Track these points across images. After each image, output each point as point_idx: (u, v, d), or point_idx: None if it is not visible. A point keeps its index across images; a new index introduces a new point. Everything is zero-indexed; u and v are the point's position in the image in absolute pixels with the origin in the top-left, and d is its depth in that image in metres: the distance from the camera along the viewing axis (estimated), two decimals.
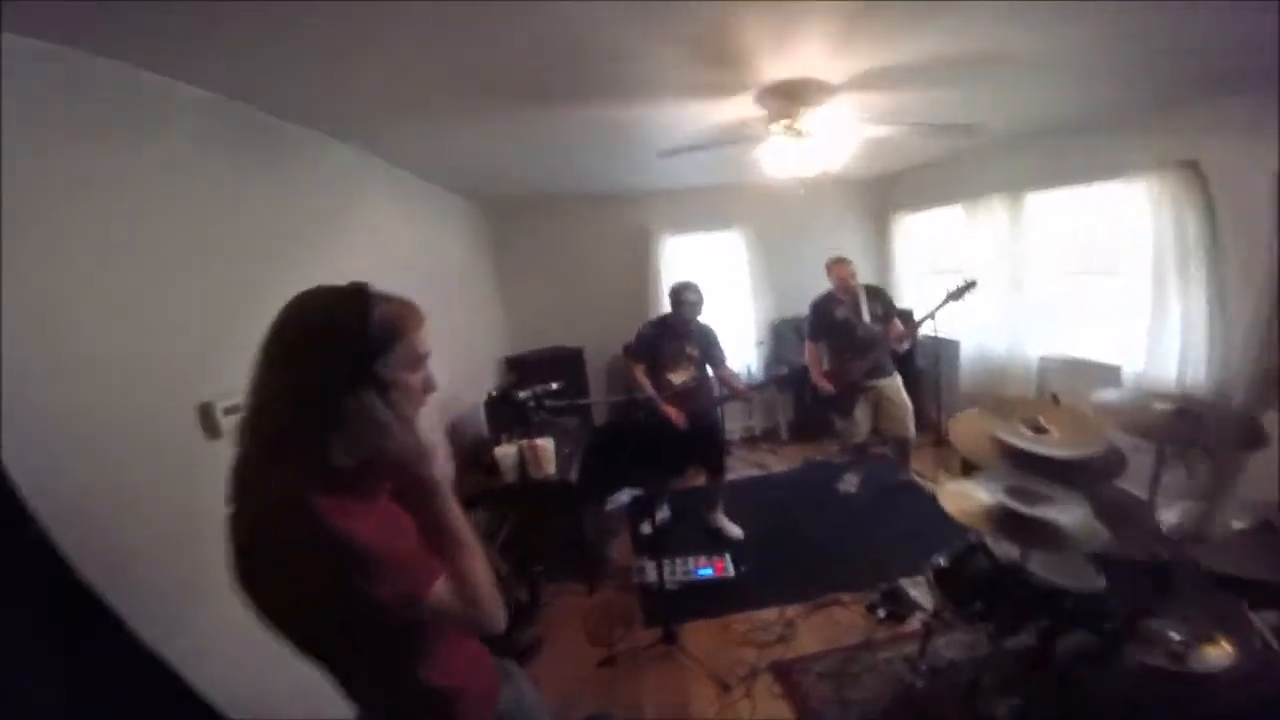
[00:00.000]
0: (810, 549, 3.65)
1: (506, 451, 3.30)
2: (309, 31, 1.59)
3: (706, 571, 3.44)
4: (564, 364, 4.66)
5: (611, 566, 3.59)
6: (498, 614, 1.09)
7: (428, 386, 1.11)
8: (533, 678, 2.67)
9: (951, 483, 2.28)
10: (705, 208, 5.22)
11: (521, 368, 4.63)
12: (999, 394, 4.23)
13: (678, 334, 3.77)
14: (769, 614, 3.03)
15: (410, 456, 1.04)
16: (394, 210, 3.17)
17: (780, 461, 5.09)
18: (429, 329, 1.11)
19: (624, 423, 4.47)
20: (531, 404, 2.35)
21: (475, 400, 3.73)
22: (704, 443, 3.86)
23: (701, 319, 3.81)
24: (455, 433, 3.53)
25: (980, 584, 2.21)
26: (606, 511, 4.20)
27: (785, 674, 2.64)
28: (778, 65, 2.20)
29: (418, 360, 1.08)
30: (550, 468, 3.35)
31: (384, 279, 2.25)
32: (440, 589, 1.01)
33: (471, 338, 4.18)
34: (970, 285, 3.75)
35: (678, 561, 3.47)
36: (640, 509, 4.15)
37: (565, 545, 3.51)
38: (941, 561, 2.34)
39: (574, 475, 3.43)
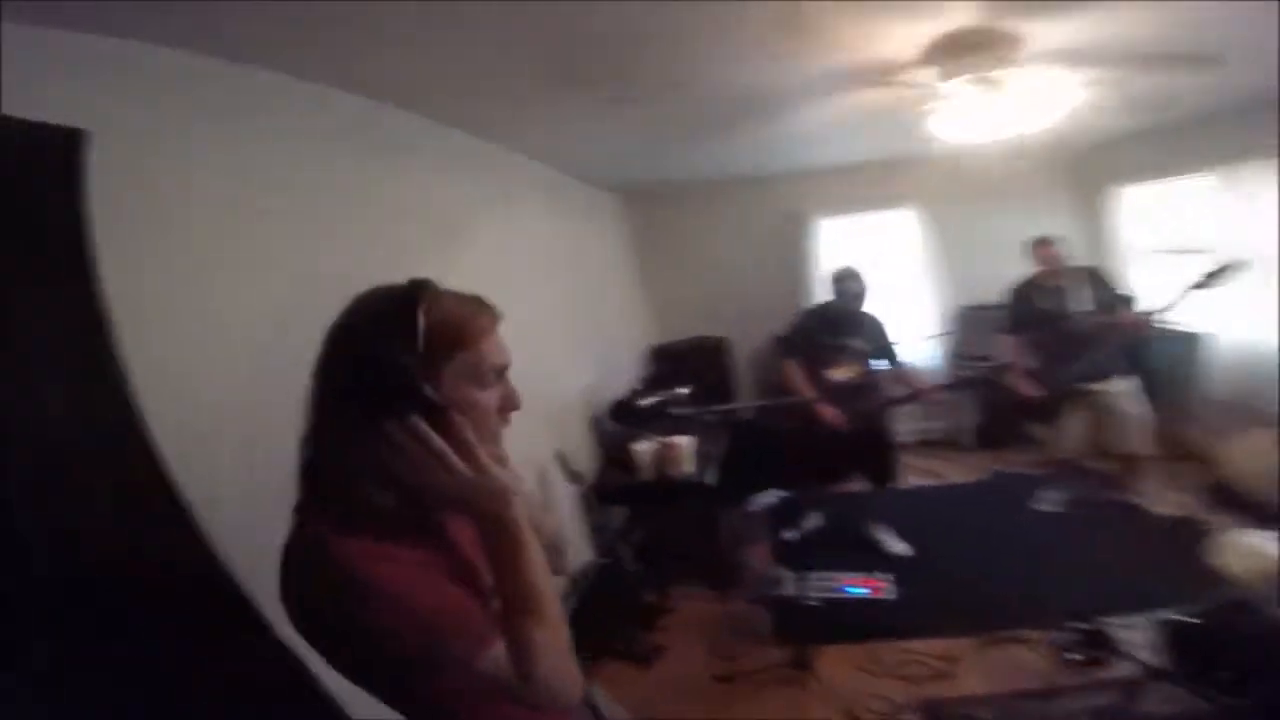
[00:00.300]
0: (992, 574, 3.09)
1: (643, 448, 3.20)
2: (443, 30, 1.59)
3: (859, 590, 3.07)
4: (708, 355, 4.47)
5: (747, 574, 3.33)
6: (563, 694, 0.88)
7: (507, 404, 0.90)
8: (644, 684, 2.63)
9: (1239, 534, 1.76)
10: (867, 185, 4.66)
11: (667, 358, 4.52)
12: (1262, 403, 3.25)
13: (839, 325, 3.38)
14: (929, 645, 2.61)
15: (471, 494, 0.82)
16: (533, 205, 3.21)
17: (962, 471, 4.43)
18: (504, 332, 0.91)
19: (773, 421, 4.17)
20: (653, 410, 2.15)
21: (620, 393, 3.67)
22: (869, 448, 3.44)
23: (867, 308, 3.39)
24: (599, 427, 3.51)
25: (1240, 650, 1.85)
26: (748, 514, 3.94)
27: (936, 715, 2.25)
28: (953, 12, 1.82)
29: (488, 373, 0.87)
30: (687, 466, 3.20)
31: (522, 273, 2.42)
32: (492, 657, 0.81)
33: (616, 328, 4.15)
34: (1231, 268, 2.88)
35: (824, 575, 3.13)
36: (786, 513, 3.85)
37: (698, 548, 3.33)
38: (1187, 616, 1.95)
39: (712, 475, 3.24)
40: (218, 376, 1.42)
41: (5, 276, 1.11)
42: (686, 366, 4.27)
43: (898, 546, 3.41)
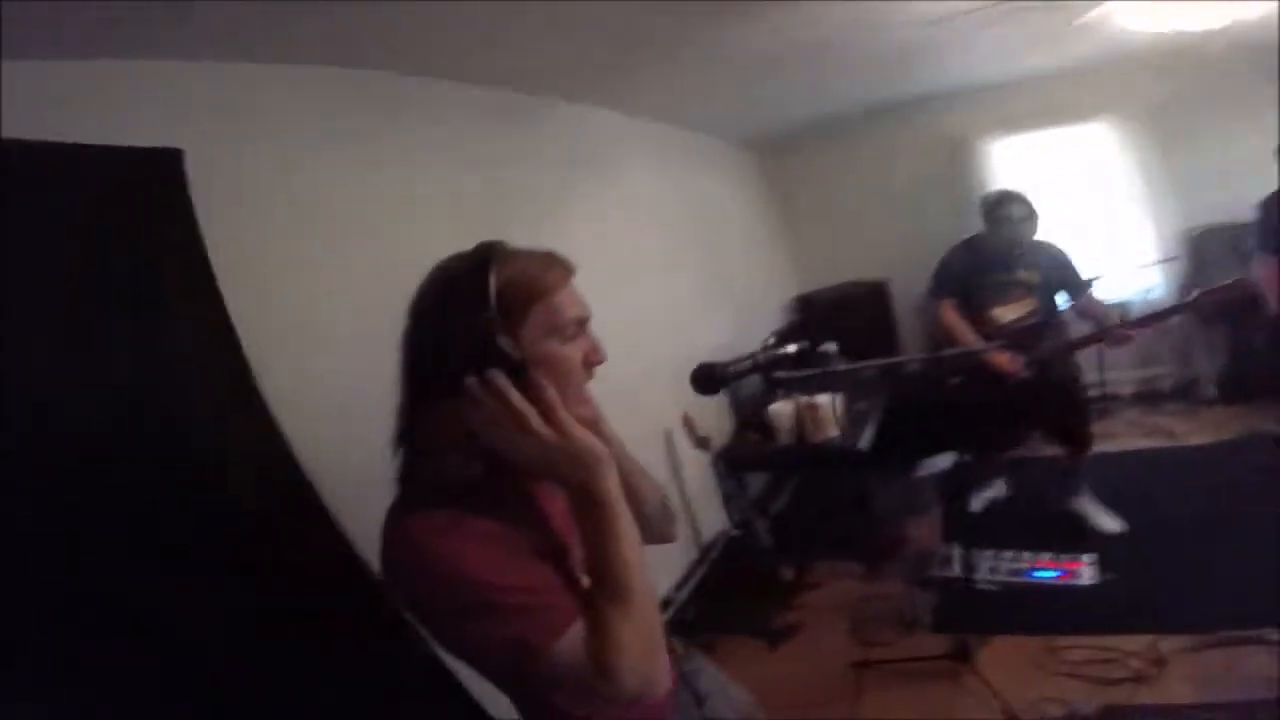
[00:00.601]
0: (1232, 559, 2.41)
1: (781, 410, 2.93)
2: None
3: (1049, 574, 2.58)
4: (864, 301, 3.96)
5: (909, 550, 2.95)
6: (644, 690, 0.79)
7: (591, 358, 0.87)
8: (772, 665, 2.42)
9: None
10: (1046, 98, 3.77)
11: (813, 307, 4.10)
12: None
13: (1001, 259, 2.82)
14: (1129, 643, 2.11)
15: (556, 460, 0.77)
16: (648, 164, 3.01)
17: (1201, 430, 3.54)
18: (578, 286, 0.88)
19: (938, 374, 3.64)
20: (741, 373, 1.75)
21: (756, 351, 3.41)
22: (1055, 401, 2.85)
23: (1044, 237, 2.79)
24: (733, 387, 3.30)
25: None
26: (913, 481, 3.49)
27: None
28: None
29: (567, 325, 0.84)
30: (831, 430, 2.88)
31: (648, 234, 2.55)
32: (568, 643, 0.75)
33: (758, 283, 3.85)
34: None
35: (1006, 555, 2.69)
36: (961, 480, 3.34)
37: (848, 520, 3.02)
38: None
39: (865, 438, 2.89)
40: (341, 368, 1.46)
41: (143, 289, 1.21)
42: (839, 316, 3.86)
43: (1108, 522, 2.79)
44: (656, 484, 1.12)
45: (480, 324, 0.76)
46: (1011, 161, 4.00)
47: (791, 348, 1.22)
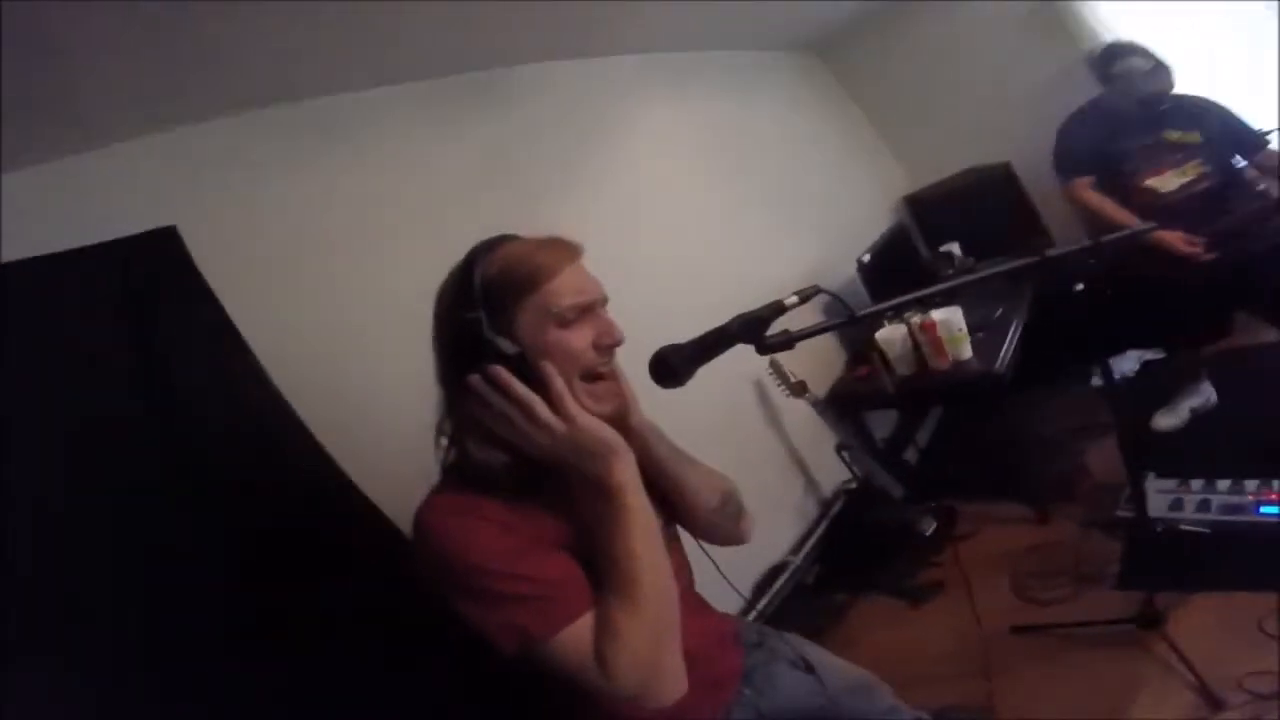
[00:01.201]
0: None
1: (890, 336, 2.47)
2: None
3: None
4: (989, 189, 3.21)
5: (1086, 485, 2.40)
6: (639, 688, 0.77)
7: (604, 340, 0.86)
8: (913, 629, 2.08)
9: None
10: None
11: (925, 207, 3.44)
12: None
13: (1140, 119, 2.30)
14: None
15: (565, 449, 0.79)
16: (672, 101, 2.62)
17: None
18: (586, 264, 0.88)
19: (1101, 263, 2.91)
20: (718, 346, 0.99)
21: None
22: (1258, 277, 2.18)
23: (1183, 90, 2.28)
24: (834, 311, 2.85)
25: None
26: (1087, 394, 2.85)
27: None
28: None
29: (565, 310, 0.83)
30: (961, 351, 2.37)
31: (676, 178, 2.44)
32: (572, 635, 0.76)
33: (844, 195, 3.29)
34: None
35: (1220, 485, 2.02)
36: (1150, 387, 2.67)
37: (1003, 454, 2.51)
38: None
39: (1003, 357, 2.35)
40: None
41: (175, 356, 1.23)
42: (960, 211, 3.22)
43: None
44: (719, 478, 1.07)
45: (469, 321, 0.79)
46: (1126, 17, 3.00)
47: (791, 298, 0.91)
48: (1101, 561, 2.04)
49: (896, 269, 2.92)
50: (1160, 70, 2.28)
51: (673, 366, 0.84)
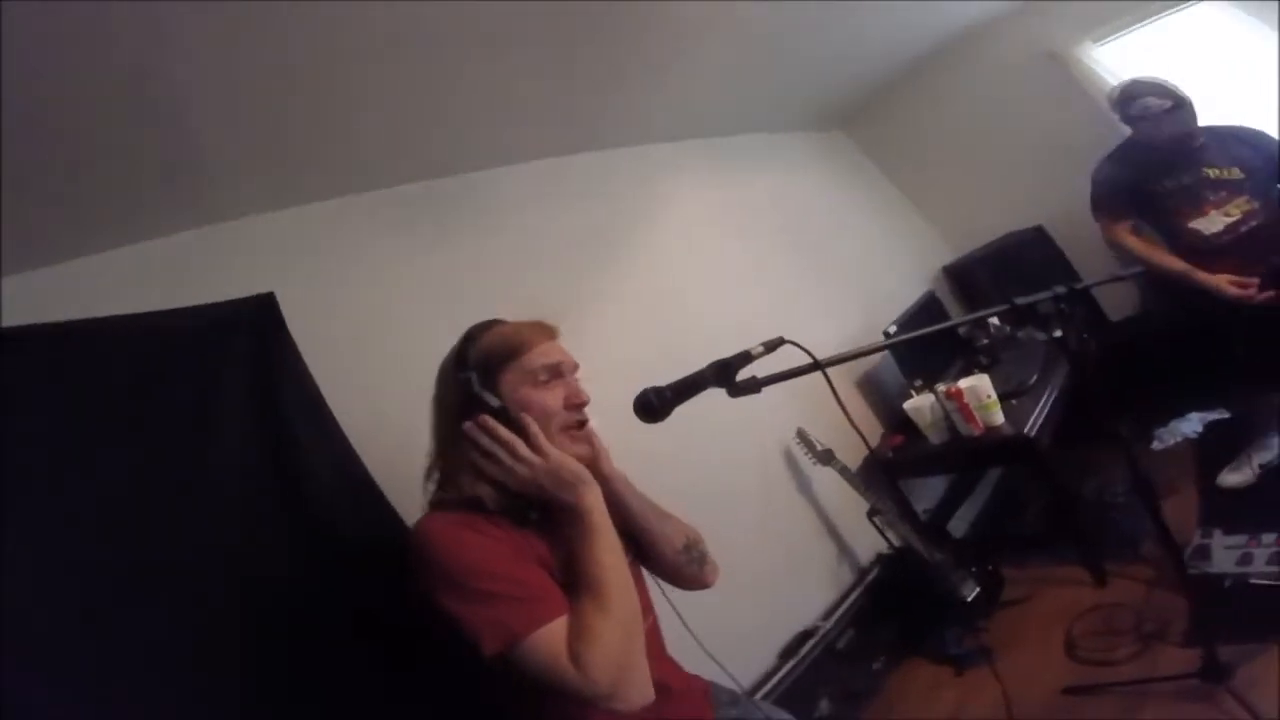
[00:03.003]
0: None
1: (919, 406, 2.53)
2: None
3: None
4: (1026, 252, 3.25)
5: (1150, 546, 2.26)
6: (611, 686, 0.86)
7: (572, 400, 1.06)
8: (965, 692, 2.07)
9: None
10: None
11: (965, 275, 3.49)
12: None
13: (1173, 158, 2.22)
14: None
15: (543, 480, 0.96)
16: (699, 182, 2.90)
17: None
18: (561, 342, 1.11)
19: (1153, 315, 2.84)
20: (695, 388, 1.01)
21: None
22: None
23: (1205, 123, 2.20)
24: (869, 386, 2.93)
25: None
26: (1156, 451, 2.71)
27: None
28: None
29: (538, 373, 1.04)
30: (991, 418, 2.37)
31: (706, 254, 2.70)
32: (548, 634, 0.86)
33: (880, 264, 3.42)
34: None
35: None
36: (1218, 444, 2.52)
37: (1057, 516, 2.42)
38: None
39: (1038, 419, 2.33)
40: None
41: (283, 413, 1.42)
42: (999, 277, 3.25)
43: None
44: (685, 526, 1.20)
45: (462, 382, 1.01)
46: (1122, 60, 3.11)
47: (758, 347, 1.09)
48: (1167, 619, 1.93)
49: (930, 340, 2.98)
50: (1181, 107, 2.19)
51: (654, 405, 1.00)
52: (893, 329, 2.74)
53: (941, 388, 2.45)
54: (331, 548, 1.35)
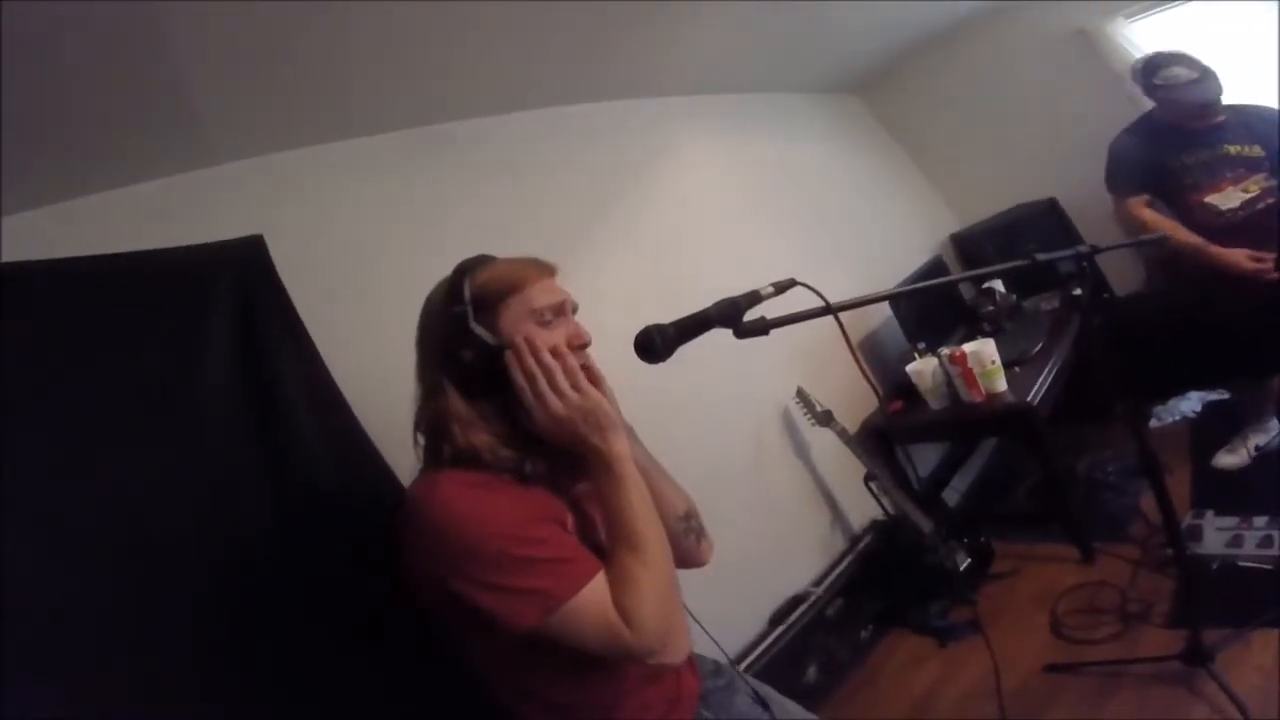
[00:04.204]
0: None
1: (920, 369, 2.48)
2: None
3: None
4: (1037, 224, 3.18)
5: (1142, 525, 2.27)
6: (667, 640, 0.84)
7: (575, 341, 0.96)
8: (947, 666, 2.08)
9: None
10: None
11: (973, 244, 3.42)
12: None
13: (1192, 133, 2.20)
14: None
15: (575, 416, 0.88)
16: (712, 139, 2.79)
17: None
18: (574, 278, 1.03)
19: (1158, 294, 2.80)
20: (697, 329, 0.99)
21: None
22: None
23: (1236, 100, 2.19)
24: (873, 349, 2.89)
25: None
26: (1155, 431, 2.72)
27: None
28: None
29: (542, 311, 0.94)
30: (994, 384, 2.34)
31: (710, 213, 2.60)
32: (591, 593, 0.80)
33: (890, 231, 3.34)
34: None
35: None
36: (1214, 425, 2.52)
37: (1050, 491, 2.42)
38: None
39: (1041, 389, 2.30)
40: None
41: (269, 358, 1.34)
42: (1006, 248, 3.19)
43: None
44: (685, 493, 1.13)
45: (455, 316, 0.91)
46: (1153, 37, 2.98)
47: (768, 288, 1.01)
48: (1150, 600, 1.95)
49: (936, 305, 2.94)
50: (1207, 79, 2.17)
51: (655, 344, 0.91)
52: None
53: (945, 351, 2.41)
54: (316, 501, 1.29)
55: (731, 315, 0.95)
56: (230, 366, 1.31)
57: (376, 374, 1.46)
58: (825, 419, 2.35)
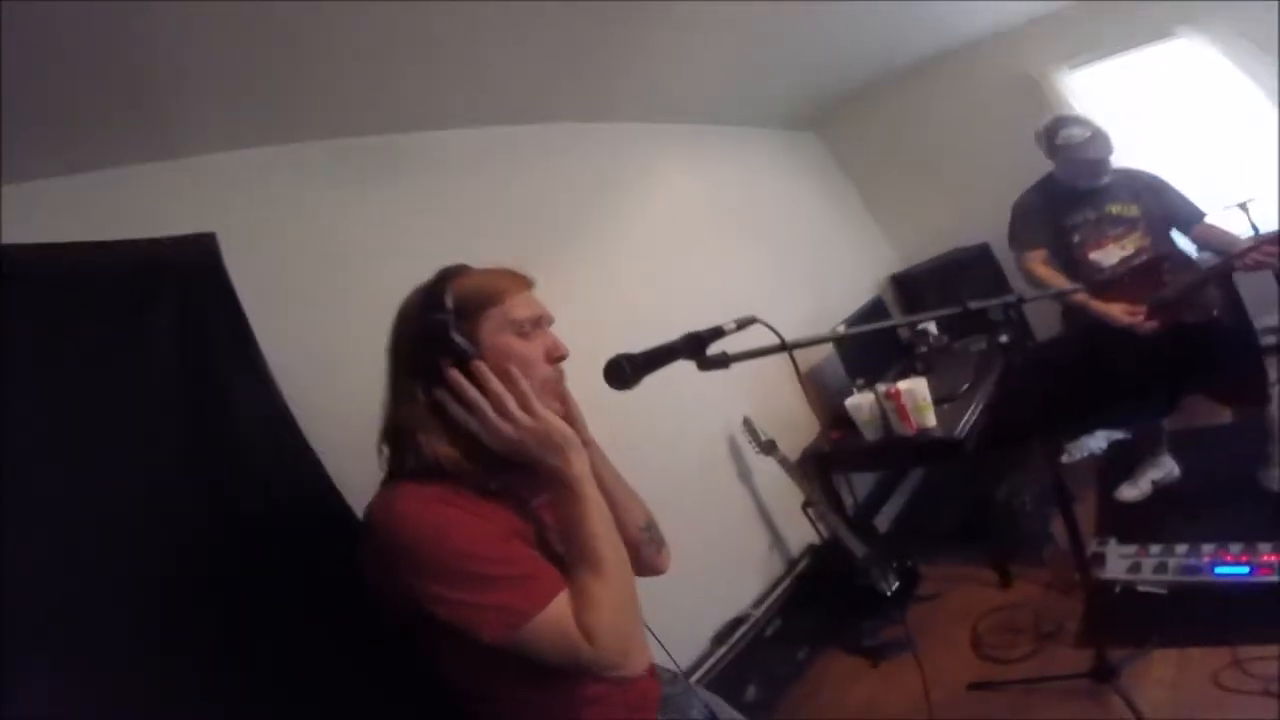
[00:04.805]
0: None
1: (859, 403, 2.61)
2: None
3: (1235, 570, 1.99)
4: (969, 267, 3.44)
5: (1054, 551, 2.45)
6: (628, 655, 0.86)
7: (554, 354, 0.97)
8: (879, 683, 2.16)
9: None
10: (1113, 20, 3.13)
11: (911, 285, 3.66)
12: None
13: (1082, 193, 2.39)
14: None
15: (529, 440, 0.86)
16: (680, 168, 2.91)
17: None
18: (541, 293, 1.01)
19: (1061, 340, 3.05)
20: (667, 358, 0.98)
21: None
22: (1202, 350, 2.28)
23: (1135, 165, 2.42)
24: (814, 382, 3.02)
25: None
26: (1060, 468, 2.93)
27: None
28: None
29: (521, 323, 0.94)
30: (925, 419, 2.49)
31: (675, 238, 2.64)
32: (554, 610, 0.81)
33: (839, 266, 3.52)
34: None
35: (1179, 550, 2.10)
36: (1119, 461, 2.75)
37: (972, 519, 2.58)
38: None
39: (963, 426, 2.46)
40: None
41: (196, 362, 1.29)
42: (943, 290, 3.42)
43: None
44: (644, 505, 1.14)
45: (436, 323, 0.89)
46: (1097, 90, 3.32)
47: (730, 324, 1.06)
48: (1060, 620, 2.11)
49: (874, 343, 3.11)
50: (1097, 137, 2.32)
51: (624, 371, 0.94)
52: (841, 328, 2.83)
53: (882, 388, 2.55)
54: (253, 503, 1.24)
55: (696, 348, 1.00)
56: (172, 362, 1.26)
57: (327, 382, 1.47)
58: (769, 448, 2.43)
